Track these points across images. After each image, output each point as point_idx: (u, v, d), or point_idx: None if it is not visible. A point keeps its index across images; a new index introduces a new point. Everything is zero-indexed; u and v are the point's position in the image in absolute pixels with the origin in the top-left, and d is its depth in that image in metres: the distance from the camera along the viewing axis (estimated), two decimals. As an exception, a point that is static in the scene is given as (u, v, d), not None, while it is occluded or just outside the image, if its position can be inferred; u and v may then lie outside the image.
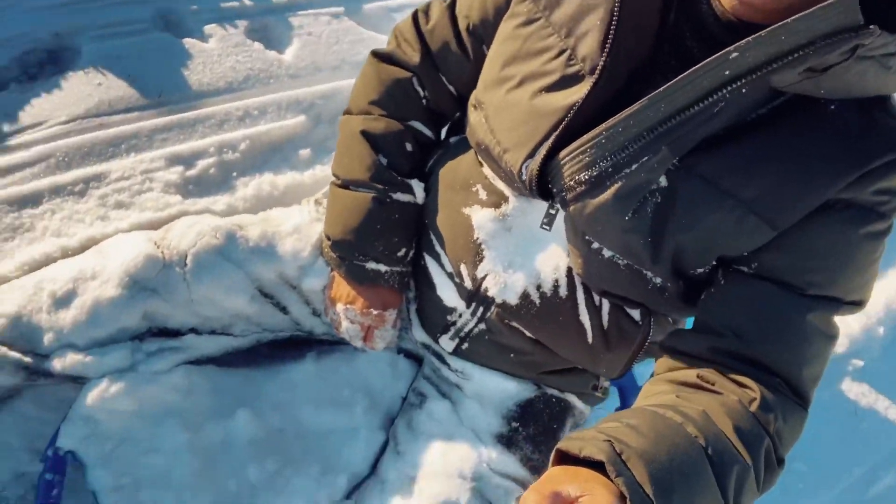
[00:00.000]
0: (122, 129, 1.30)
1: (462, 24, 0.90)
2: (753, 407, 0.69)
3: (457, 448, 0.95)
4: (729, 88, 0.63)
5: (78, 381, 0.95)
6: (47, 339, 0.92)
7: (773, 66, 0.60)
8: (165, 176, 1.27)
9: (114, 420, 0.94)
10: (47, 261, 1.11)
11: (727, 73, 0.62)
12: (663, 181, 0.71)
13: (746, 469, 0.64)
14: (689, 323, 0.91)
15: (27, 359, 0.91)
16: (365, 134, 0.95)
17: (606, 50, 0.70)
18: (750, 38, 0.60)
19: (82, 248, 1.13)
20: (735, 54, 0.61)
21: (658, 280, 0.81)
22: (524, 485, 0.95)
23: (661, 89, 0.65)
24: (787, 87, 0.64)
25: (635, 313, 0.90)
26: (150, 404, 0.96)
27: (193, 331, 1.00)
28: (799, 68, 0.60)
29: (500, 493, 0.94)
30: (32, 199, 1.19)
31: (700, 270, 0.78)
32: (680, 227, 0.72)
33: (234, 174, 1.34)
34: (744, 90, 0.63)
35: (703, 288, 0.80)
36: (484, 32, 0.88)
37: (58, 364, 0.92)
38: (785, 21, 0.58)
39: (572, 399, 1.02)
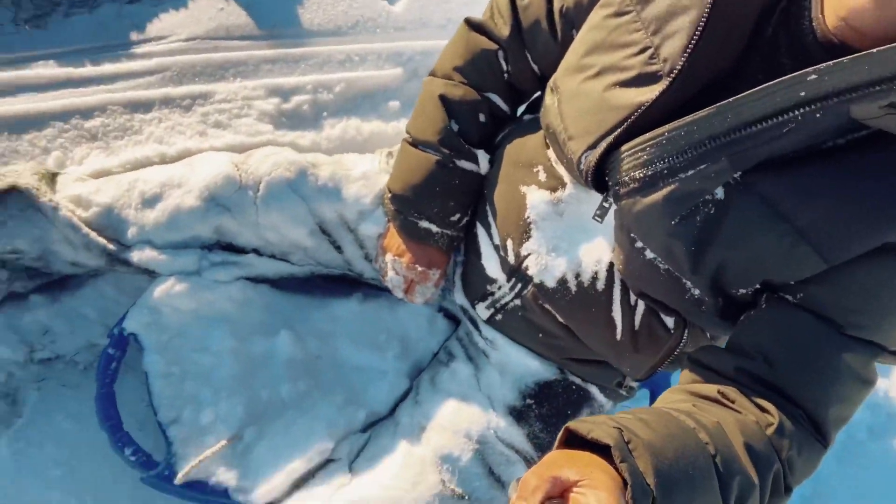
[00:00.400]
0: (233, 55, 1.39)
1: (556, 5, 0.90)
2: (770, 431, 0.68)
3: (469, 410, 0.99)
4: (802, 110, 0.61)
5: (151, 274, 1.05)
6: (131, 232, 1.03)
7: (852, 95, 0.58)
8: (262, 105, 1.35)
9: (174, 315, 1.05)
10: (146, 163, 1.22)
11: (802, 94, 0.60)
12: (720, 193, 0.70)
13: (752, 486, 0.64)
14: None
15: (111, 246, 1.03)
16: (442, 98, 0.98)
17: (687, 54, 0.69)
18: (831, 63, 0.58)
19: (178, 157, 1.23)
20: (813, 76, 0.59)
21: (696, 292, 0.81)
22: (526, 458, 0.99)
23: (730, 100, 0.64)
24: (867, 120, 0.61)
25: (669, 320, 0.90)
26: (207, 308, 1.06)
27: (256, 251, 1.08)
28: (880, 102, 0.57)
29: (501, 461, 0.98)
30: (145, 106, 1.30)
31: (742, 291, 0.76)
32: (727, 243, 0.71)
33: (325, 114, 1.40)
34: (818, 115, 0.61)
35: (743, 308, 0.78)
36: (576, 16, 0.87)
37: (136, 256, 1.03)
38: (870, 50, 0.56)
39: (593, 391, 1.04)
